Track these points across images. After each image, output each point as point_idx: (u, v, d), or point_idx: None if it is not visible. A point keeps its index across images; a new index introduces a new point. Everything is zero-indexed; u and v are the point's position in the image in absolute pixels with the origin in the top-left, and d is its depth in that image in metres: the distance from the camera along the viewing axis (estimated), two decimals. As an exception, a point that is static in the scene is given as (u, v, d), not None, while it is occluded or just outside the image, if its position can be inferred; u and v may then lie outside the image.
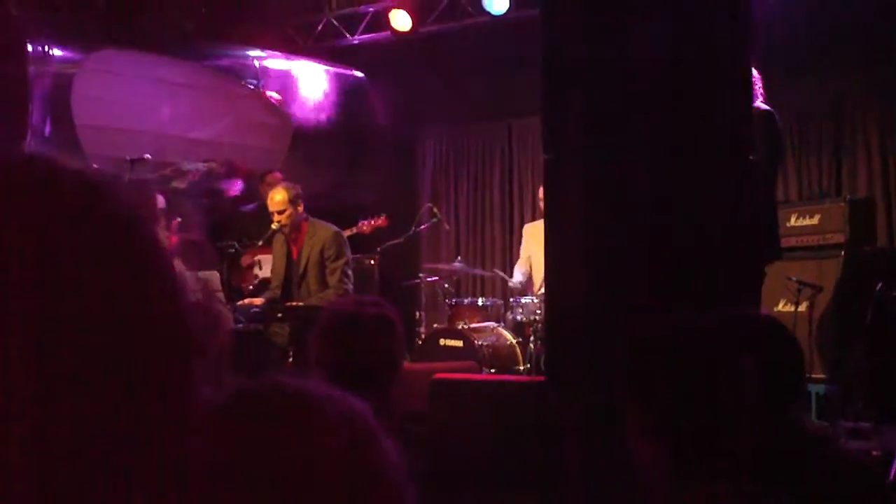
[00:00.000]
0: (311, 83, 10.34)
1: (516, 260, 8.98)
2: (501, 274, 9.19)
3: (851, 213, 7.47)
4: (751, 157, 3.87)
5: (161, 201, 7.51)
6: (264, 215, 7.38)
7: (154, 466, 0.78)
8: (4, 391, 0.72)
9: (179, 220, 7.28)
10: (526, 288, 8.41)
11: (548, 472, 3.75)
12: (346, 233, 7.73)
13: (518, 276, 8.57)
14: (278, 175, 8.54)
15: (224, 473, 0.89)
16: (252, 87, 9.89)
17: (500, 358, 7.87)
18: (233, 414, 0.95)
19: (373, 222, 8.28)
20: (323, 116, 10.40)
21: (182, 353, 0.82)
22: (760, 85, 5.82)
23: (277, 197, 7.10)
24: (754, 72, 5.65)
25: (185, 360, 0.83)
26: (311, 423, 0.96)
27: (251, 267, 8.15)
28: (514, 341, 8.01)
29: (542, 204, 8.40)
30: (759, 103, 5.71)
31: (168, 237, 7.21)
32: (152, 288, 0.81)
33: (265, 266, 7.98)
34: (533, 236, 8.24)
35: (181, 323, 0.83)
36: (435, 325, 8.65)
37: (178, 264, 7.39)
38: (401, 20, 9.57)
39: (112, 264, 0.78)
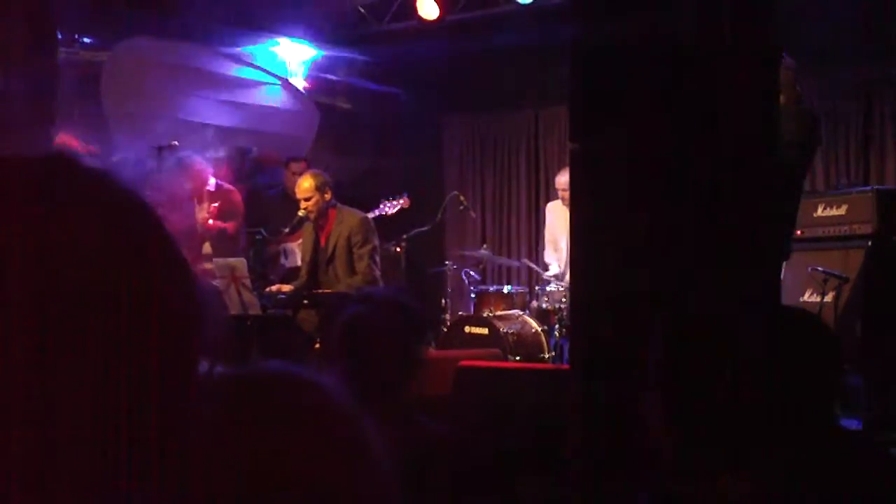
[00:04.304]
0: (338, 71, 10.37)
1: (541, 243, 8.97)
2: (534, 266, 9.17)
3: (879, 204, 7.41)
4: (783, 153, 3.87)
5: (212, 185, 7.64)
6: (289, 202, 7.43)
7: (156, 437, 0.81)
8: (7, 361, 0.77)
9: (217, 205, 7.43)
10: (559, 275, 8.37)
11: (570, 460, 3.77)
12: (370, 216, 7.75)
13: (554, 269, 8.54)
14: (303, 163, 8.58)
15: (219, 451, 0.90)
16: (279, 74, 9.94)
17: (525, 346, 7.90)
18: (227, 394, 0.96)
19: (395, 202, 8.25)
20: (349, 105, 10.43)
21: (186, 331, 0.86)
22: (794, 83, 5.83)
23: (305, 184, 7.13)
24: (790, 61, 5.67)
25: (190, 337, 0.86)
26: (290, 405, 0.97)
27: (277, 255, 8.20)
28: (539, 329, 8.02)
29: (560, 192, 8.38)
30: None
31: (206, 220, 7.36)
32: (159, 269, 0.85)
33: (290, 255, 8.02)
34: (559, 218, 8.22)
35: (187, 302, 0.87)
36: (460, 313, 8.67)
37: (207, 247, 7.55)
38: (428, 8, 9.56)
39: (116, 248, 0.83)
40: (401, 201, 8.24)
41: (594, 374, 3.64)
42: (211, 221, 7.43)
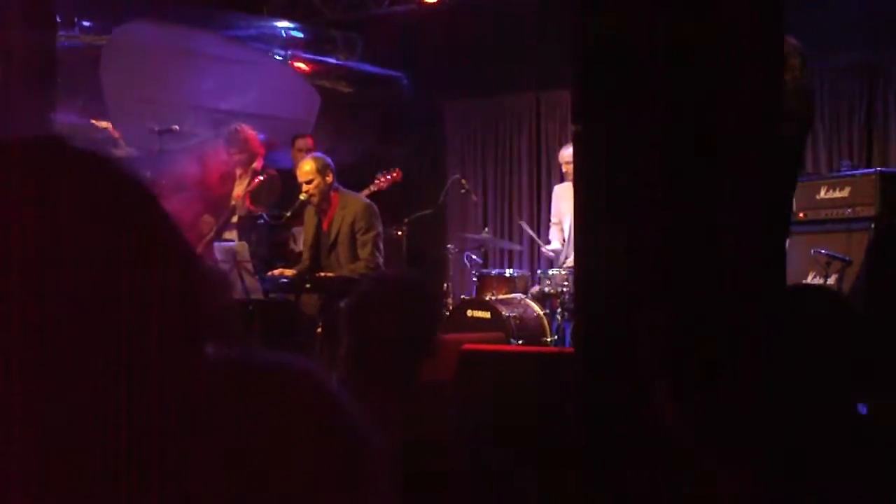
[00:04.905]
0: (338, 54, 10.33)
1: (546, 225, 8.96)
2: (534, 235, 9.15)
3: (883, 186, 7.39)
4: (781, 133, 3.84)
5: (259, 162, 7.70)
6: (294, 186, 7.39)
7: (157, 431, 0.80)
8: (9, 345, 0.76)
9: (262, 179, 7.51)
10: (559, 257, 8.36)
11: (574, 445, 3.76)
12: (364, 193, 7.73)
13: (555, 244, 8.55)
14: (309, 140, 8.55)
15: (211, 442, 0.88)
16: (279, 58, 9.90)
17: (528, 329, 7.89)
18: (221, 384, 0.94)
19: (388, 177, 8.24)
20: (350, 88, 10.39)
21: (189, 319, 0.84)
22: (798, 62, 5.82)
23: (305, 167, 7.08)
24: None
25: (192, 325, 0.85)
26: (283, 395, 0.95)
27: (287, 240, 8.17)
28: (541, 313, 8.01)
29: (563, 166, 8.40)
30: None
31: (245, 195, 7.44)
32: (161, 254, 0.83)
33: (300, 239, 8.00)
34: (565, 199, 8.20)
35: (189, 288, 0.85)
36: (462, 297, 8.66)
37: (236, 218, 7.61)
38: (429, -9, 9.52)
39: (115, 233, 0.81)
40: (393, 174, 8.22)
41: (598, 359, 3.62)
42: (247, 199, 7.52)
